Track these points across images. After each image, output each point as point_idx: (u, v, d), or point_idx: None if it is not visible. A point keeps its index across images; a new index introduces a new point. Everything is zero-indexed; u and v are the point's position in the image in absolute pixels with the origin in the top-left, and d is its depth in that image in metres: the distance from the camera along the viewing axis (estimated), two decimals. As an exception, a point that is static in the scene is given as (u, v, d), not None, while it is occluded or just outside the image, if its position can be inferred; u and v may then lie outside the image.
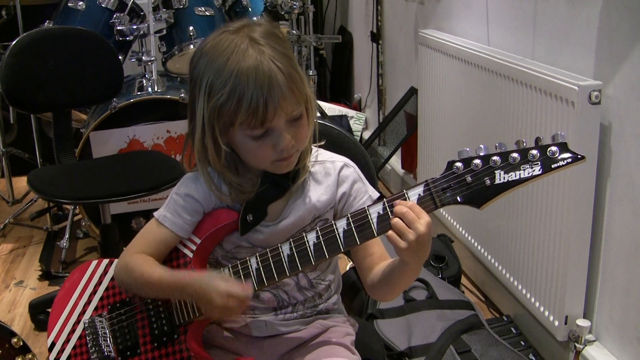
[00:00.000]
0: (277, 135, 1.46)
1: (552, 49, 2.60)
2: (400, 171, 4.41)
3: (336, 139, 1.89)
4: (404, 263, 1.46)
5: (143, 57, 3.66)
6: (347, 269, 2.83)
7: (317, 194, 1.61)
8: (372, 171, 1.89)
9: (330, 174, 1.63)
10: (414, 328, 2.57)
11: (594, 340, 2.49)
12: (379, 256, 1.60)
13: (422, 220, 1.36)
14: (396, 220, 1.38)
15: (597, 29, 2.32)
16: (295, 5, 4.33)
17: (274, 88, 1.41)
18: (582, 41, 2.41)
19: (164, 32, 3.75)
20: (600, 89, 2.25)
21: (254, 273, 1.51)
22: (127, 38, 3.65)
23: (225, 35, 1.48)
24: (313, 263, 1.48)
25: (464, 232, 3.30)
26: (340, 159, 1.66)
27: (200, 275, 1.52)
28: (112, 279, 1.69)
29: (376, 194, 1.64)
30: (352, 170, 1.65)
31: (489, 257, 3.03)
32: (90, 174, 2.98)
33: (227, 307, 1.46)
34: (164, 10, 3.69)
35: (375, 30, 4.81)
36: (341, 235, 1.45)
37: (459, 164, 1.37)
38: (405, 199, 1.40)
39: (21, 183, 4.41)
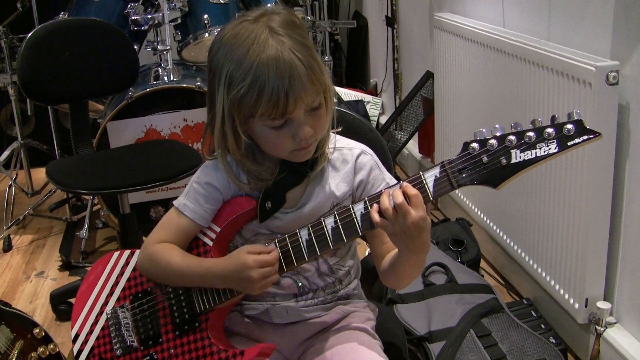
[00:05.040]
0: (297, 126, 1.46)
1: (568, 30, 2.58)
2: (418, 155, 4.40)
3: (352, 124, 1.89)
4: (400, 252, 1.49)
5: (158, 47, 3.67)
6: (366, 254, 2.83)
7: (336, 181, 1.61)
8: (388, 156, 1.89)
9: (347, 161, 1.63)
10: (434, 312, 2.57)
11: (614, 323, 2.48)
12: (392, 245, 1.60)
13: (413, 214, 1.38)
14: (386, 208, 1.40)
15: (613, 8, 2.30)
16: (309, -9, 4.33)
17: (295, 79, 1.41)
18: (598, 21, 2.39)
19: (179, 20, 3.76)
20: (618, 69, 2.24)
21: (272, 246, 1.53)
22: (142, 28, 3.65)
23: (244, 24, 1.47)
24: (331, 247, 1.48)
25: (482, 215, 3.29)
26: (357, 146, 1.66)
27: (228, 261, 1.53)
28: (134, 269, 1.71)
29: (394, 181, 1.64)
30: (370, 158, 1.65)
31: (508, 240, 3.03)
32: (108, 164, 2.99)
33: (265, 277, 1.49)
34: (178, -2, 3.70)
35: (390, 15, 4.79)
36: (359, 218, 1.45)
37: (474, 145, 1.37)
38: (421, 181, 1.40)
39: (40, 174, 4.43)
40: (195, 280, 1.59)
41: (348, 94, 5.10)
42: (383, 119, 5.06)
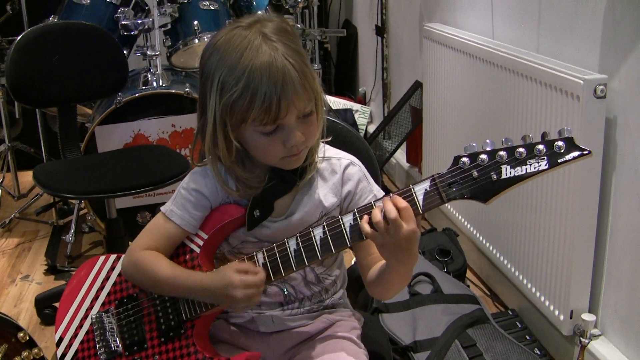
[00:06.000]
0: (288, 132, 1.46)
1: (557, 43, 2.60)
2: (405, 165, 4.41)
3: (339, 133, 1.88)
4: (388, 263, 1.49)
5: (148, 52, 3.67)
6: (353, 263, 2.83)
7: (324, 191, 1.61)
8: (376, 165, 1.89)
9: (336, 172, 1.63)
10: (419, 322, 2.57)
11: (599, 335, 2.49)
12: (379, 256, 1.60)
13: (405, 228, 1.38)
14: (378, 220, 1.40)
15: (602, 22, 2.31)
16: (299, -1, 4.35)
17: (288, 85, 1.41)
18: (587, 34, 2.41)
19: (169, 26, 3.76)
20: (606, 82, 2.25)
21: (261, 268, 1.52)
22: (132, 32, 3.65)
23: (237, 30, 1.47)
24: (320, 257, 1.48)
25: (469, 225, 3.30)
26: (346, 157, 1.66)
27: (214, 276, 1.53)
28: (120, 274, 1.70)
29: (381, 193, 1.64)
30: (358, 169, 1.65)
31: (494, 251, 3.04)
32: (95, 169, 2.98)
33: (248, 297, 1.48)
34: (169, 4, 3.70)
35: (379, 24, 4.81)
36: (348, 230, 1.45)
37: (465, 159, 1.37)
38: (411, 194, 1.41)
39: (27, 177, 4.40)
40: (181, 292, 1.59)
41: (337, 102, 5.11)
42: (371, 128, 5.07)
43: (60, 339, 1.71)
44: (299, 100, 1.44)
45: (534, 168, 1.34)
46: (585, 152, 1.33)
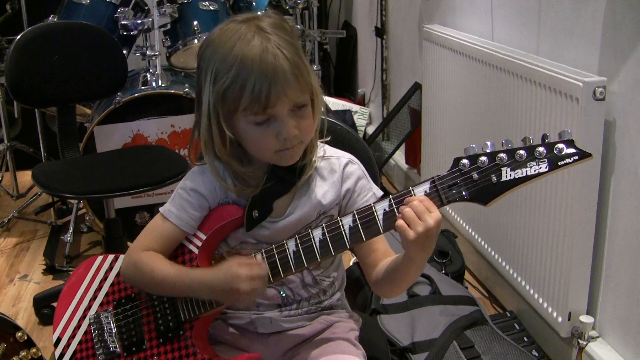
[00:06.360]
0: (280, 123, 1.46)
1: (556, 45, 2.60)
2: (404, 166, 4.41)
3: (338, 134, 1.88)
4: (409, 258, 1.46)
5: (147, 52, 3.67)
6: (351, 264, 2.83)
7: (323, 190, 1.61)
8: (374, 167, 1.89)
9: (335, 170, 1.63)
10: (418, 323, 2.57)
11: (597, 337, 2.49)
12: (383, 252, 1.60)
13: (433, 214, 1.37)
14: (407, 210, 1.38)
15: (602, 24, 2.31)
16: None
17: (278, 74, 1.41)
18: (586, 37, 2.41)
19: (168, 26, 3.76)
20: (605, 85, 2.25)
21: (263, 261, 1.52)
22: (132, 32, 3.65)
23: (232, 24, 1.49)
24: (319, 259, 1.48)
25: (467, 227, 3.30)
26: (345, 156, 1.66)
27: (217, 272, 1.52)
28: (118, 274, 1.70)
29: (380, 192, 1.64)
30: (357, 167, 1.65)
31: (493, 252, 3.04)
32: (94, 169, 2.98)
33: (254, 289, 1.47)
34: (168, 4, 3.70)
35: (379, 25, 4.81)
36: (347, 231, 1.45)
37: (465, 161, 1.37)
38: (411, 195, 1.40)
39: (25, 177, 4.40)
40: (181, 290, 1.58)
41: (336, 103, 5.11)
42: (370, 129, 5.07)
43: (59, 339, 1.71)
44: (291, 90, 1.44)
45: (535, 170, 1.34)
46: (585, 155, 1.33)
